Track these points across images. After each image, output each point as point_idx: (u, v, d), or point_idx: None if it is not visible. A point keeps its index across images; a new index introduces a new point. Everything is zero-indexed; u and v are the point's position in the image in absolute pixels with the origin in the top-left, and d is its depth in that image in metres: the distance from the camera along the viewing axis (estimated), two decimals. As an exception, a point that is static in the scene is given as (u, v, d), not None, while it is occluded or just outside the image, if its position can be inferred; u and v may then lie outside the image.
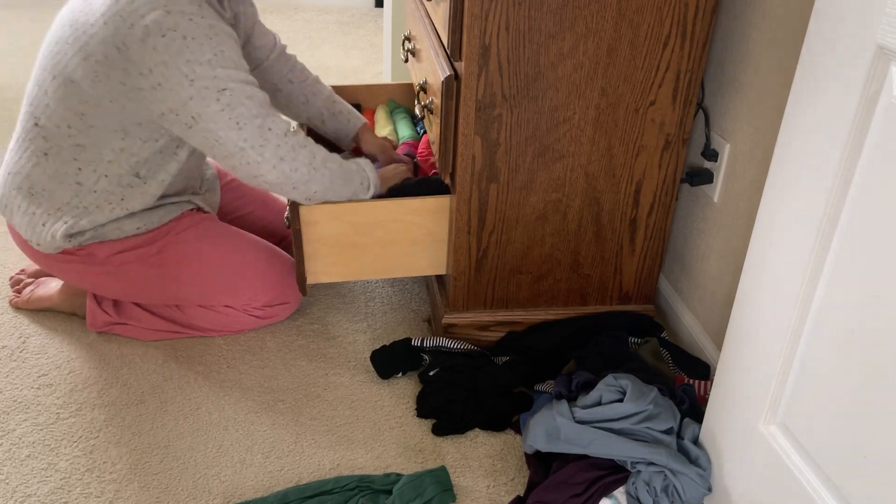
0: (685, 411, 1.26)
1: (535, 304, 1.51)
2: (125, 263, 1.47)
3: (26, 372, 1.49)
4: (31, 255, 1.50)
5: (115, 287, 1.51)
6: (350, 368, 1.52)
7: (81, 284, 1.53)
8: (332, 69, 3.25)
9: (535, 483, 1.22)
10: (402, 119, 1.90)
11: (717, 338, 1.48)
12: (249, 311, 1.56)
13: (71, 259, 1.46)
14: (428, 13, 1.57)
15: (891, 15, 0.75)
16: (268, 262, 1.56)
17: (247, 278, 1.53)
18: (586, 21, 1.22)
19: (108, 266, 1.47)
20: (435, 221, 1.46)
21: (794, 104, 0.90)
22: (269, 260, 1.56)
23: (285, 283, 1.58)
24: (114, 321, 1.57)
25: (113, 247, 1.45)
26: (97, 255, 1.45)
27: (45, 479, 1.26)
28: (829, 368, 0.89)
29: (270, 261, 1.56)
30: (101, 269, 1.47)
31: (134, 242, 1.46)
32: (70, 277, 1.52)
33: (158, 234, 1.48)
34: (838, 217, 0.85)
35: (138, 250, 1.46)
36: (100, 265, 1.46)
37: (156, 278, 1.49)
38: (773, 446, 1.00)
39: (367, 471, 1.29)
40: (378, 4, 4.21)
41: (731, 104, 1.39)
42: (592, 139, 1.33)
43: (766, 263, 0.98)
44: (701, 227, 1.53)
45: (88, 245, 1.44)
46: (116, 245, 1.45)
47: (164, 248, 1.48)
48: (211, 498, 1.24)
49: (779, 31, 1.24)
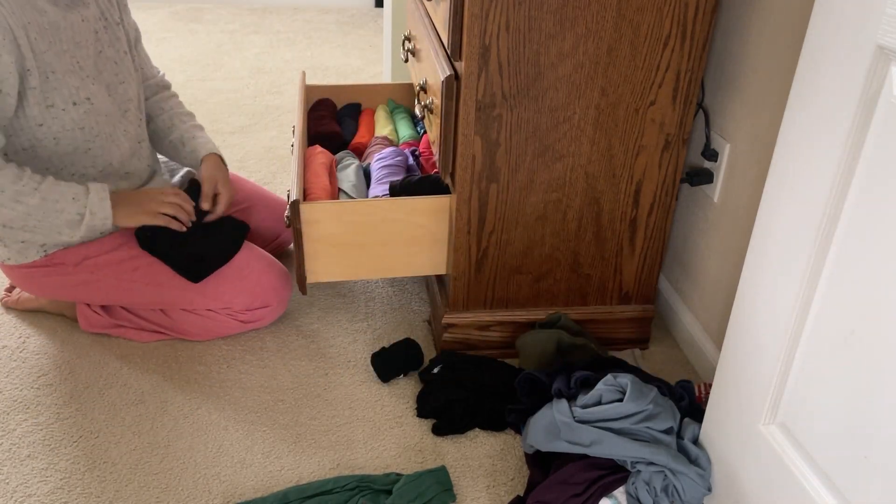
0: (684, 408, 1.26)
1: (535, 304, 1.51)
2: (98, 269, 1.46)
3: (26, 372, 1.49)
4: (8, 275, 1.50)
5: (97, 294, 1.51)
6: (350, 368, 1.52)
7: (66, 296, 1.53)
8: (332, 69, 3.25)
9: (535, 483, 1.22)
10: (402, 119, 1.91)
11: (717, 338, 1.48)
12: (231, 314, 1.54)
13: (44, 272, 1.46)
14: (428, 13, 1.57)
15: (891, 15, 0.75)
16: (246, 265, 1.53)
17: (223, 280, 1.51)
18: (586, 21, 1.22)
19: (82, 273, 1.46)
20: (435, 221, 1.46)
21: (794, 104, 0.90)
22: (247, 262, 1.53)
23: (266, 286, 1.54)
24: (108, 323, 1.57)
25: (79, 252, 1.45)
26: (67, 263, 1.45)
27: (45, 479, 1.26)
28: (829, 368, 0.89)
29: (249, 263, 1.53)
30: (77, 278, 1.47)
31: (98, 246, 1.45)
32: (48, 291, 1.51)
33: (127, 237, 1.47)
34: (838, 217, 0.85)
35: (109, 255, 1.46)
36: (73, 273, 1.46)
37: (132, 283, 1.48)
38: (773, 446, 1.00)
39: (367, 471, 1.29)
40: (378, 4, 4.21)
41: (731, 104, 1.39)
42: (592, 139, 1.33)
43: (766, 263, 0.98)
44: (701, 227, 1.53)
45: (55, 253, 1.44)
46: (82, 250, 1.45)
47: (135, 252, 1.47)
48: (211, 498, 1.24)
49: (779, 31, 1.24)
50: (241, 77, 3.11)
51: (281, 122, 2.70)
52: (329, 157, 1.66)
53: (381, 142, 1.80)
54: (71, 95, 1.34)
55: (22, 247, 1.43)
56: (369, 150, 1.79)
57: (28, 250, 1.43)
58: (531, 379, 1.34)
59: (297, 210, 1.40)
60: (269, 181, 2.27)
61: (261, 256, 1.57)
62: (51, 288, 1.50)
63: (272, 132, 2.61)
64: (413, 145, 1.78)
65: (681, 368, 1.55)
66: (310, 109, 1.96)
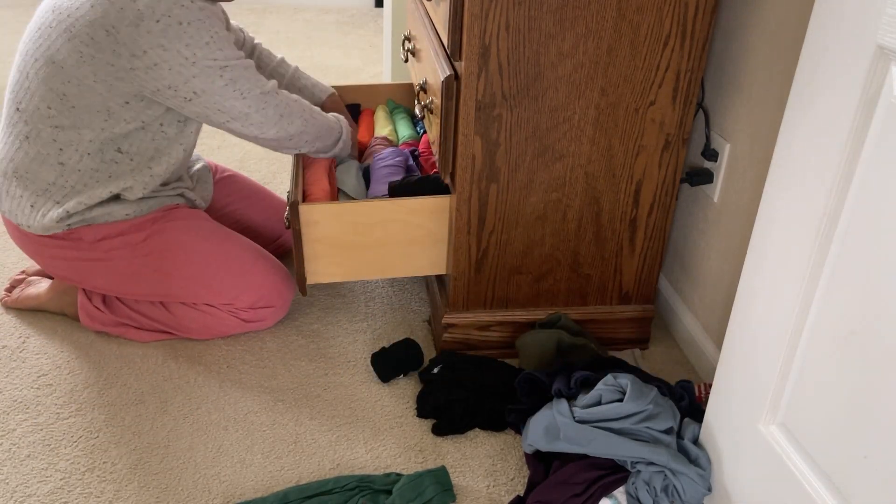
0: (684, 408, 1.26)
1: (535, 304, 1.51)
2: (112, 250, 1.48)
3: (26, 372, 1.49)
4: (21, 243, 1.51)
5: (101, 277, 1.51)
6: (350, 368, 1.52)
7: (68, 274, 1.53)
8: (332, 69, 3.24)
9: (535, 483, 1.22)
10: (402, 119, 1.90)
11: (717, 338, 1.48)
12: (233, 312, 1.55)
13: (60, 244, 1.47)
14: (428, 13, 1.57)
15: (891, 15, 0.75)
16: (253, 263, 1.55)
17: (230, 275, 1.52)
18: (586, 21, 1.22)
19: (96, 252, 1.47)
20: (435, 221, 1.46)
21: (794, 104, 0.90)
22: (254, 261, 1.55)
23: (270, 285, 1.55)
24: (109, 320, 1.57)
25: (100, 231, 1.46)
26: (85, 239, 1.46)
27: (45, 479, 1.26)
28: (829, 368, 0.89)
29: (256, 262, 1.55)
30: (89, 255, 1.48)
31: (121, 228, 1.47)
32: (58, 266, 1.52)
33: (147, 222, 1.49)
34: (838, 217, 0.85)
35: (125, 236, 1.47)
36: (87, 250, 1.47)
37: (141, 268, 1.49)
38: (773, 446, 1.00)
39: (367, 471, 1.29)
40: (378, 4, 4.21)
41: (731, 104, 1.39)
42: (592, 139, 1.33)
43: (766, 263, 0.98)
44: (701, 227, 1.53)
45: (77, 228, 1.46)
46: (104, 229, 1.46)
47: (151, 236, 1.49)
48: (211, 498, 1.24)
49: (779, 31, 1.24)
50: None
51: (281, 122, 2.69)
52: (329, 158, 1.66)
53: (381, 142, 1.80)
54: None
55: (47, 219, 1.43)
56: (369, 150, 1.79)
57: (50, 222, 1.43)
58: (531, 379, 1.34)
59: (297, 211, 1.40)
60: (269, 181, 2.27)
61: (266, 256, 1.58)
62: (60, 263, 1.51)
63: (272, 132, 2.61)
64: (413, 145, 1.78)
65: (681, 368, 1.55)
66: (310, 109, 1.96)
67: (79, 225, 1.45)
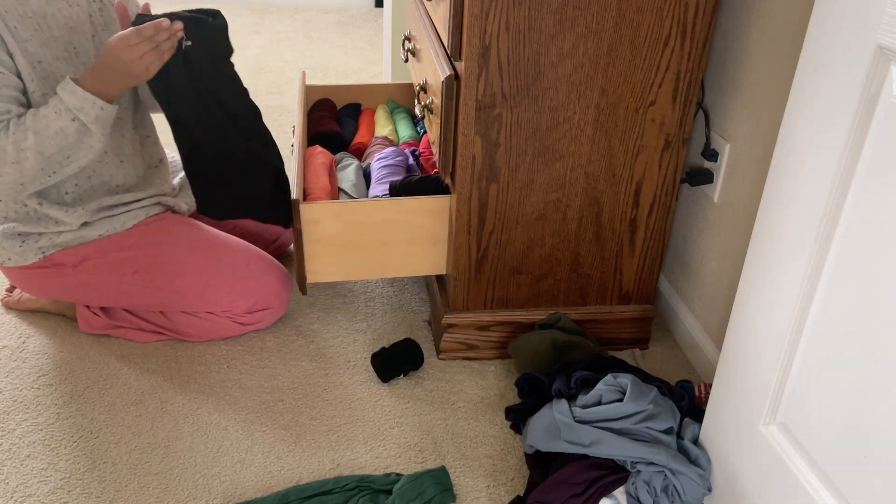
0: (684, 408, 1.26)
1: (535, 304, 1.51)
2: (97, 270, 1.46)
3: (26, 372, 1.49)
4: (10, 277, 1.51)
5: (97, 296, 1.51)
6: (350, 368, 1.52)
7: (62, 296, 1.54)
8: (332, 69, 3.25)
9: (535, 483, 1.22)
10: (402, 119, 1.91)
11: (717, 338, 1.48)
12: (231, 317, 1.54)
13: (44, 273, 1.46)
14: (428, 13, 1.57)
15: (891, 15, 0.75)
16: (245, 267, 1.52)
17: (223, 284, 1.50)
18: (586, 21, 1.22)
19: (82, 275, 1.46)
20: (435, 221, 1.46)
21: (793, 104, 0.90)
22: (247, 264, 1.53)
23: (265, 288, 1.54)
24: (107, 325, 1.57)
25: (77, 253, 1.45)
26: (66, 264, 1.45)
27: (45, 479, 1.26)
28: (829, 368, 0.89)
29: (249, 265, 1.53)
30: (77, 280, 1.47)
31: (97, 248, 1.45)
32: (53, 292, 1.52)
33: (126, 239, 1.47)
34: (838, 217, 0.85)
35: (106, 257, 1.46)
36: (72, 276, 1.46)
37: (132, 285, 1.48)
38: (773, 446, 1.00)
39: (367, 471, 1.29)
40: (378, 4, 4.21)
41: (731, 104, 1.39)
42: (592, 139, 1.33)
43: (766, 263, 0.98)
44: (701, 227, 1.53)
45: (53, 254, 1.44)
46: (81, 251, 1.45)
47: (135, 254, 1.47)
48: (211, 498, 1.24)
49: (779, 31, 1.24)
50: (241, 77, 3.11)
51: (281, 122, 2.70)
52: (329, 158, 1.66)
53: (381, 142, 1.80)
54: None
55: (21, 249, 1.43)
56: (369, 150, 1.79)
57: (27, 252, 1.43)
58: (531, 379, 1.34)
59: (297, 210, 1.40)
60: (269, 181, 2.26)
61: (261, 257, 1.57)
62: (51, 289, 1.50)
63: (272, 132, 2.61)
64: (413, 145, 1.78)
65: (681, 368, 1.55)
66: (310, 109, 1.96)
67: (52, 251, 1.44)
